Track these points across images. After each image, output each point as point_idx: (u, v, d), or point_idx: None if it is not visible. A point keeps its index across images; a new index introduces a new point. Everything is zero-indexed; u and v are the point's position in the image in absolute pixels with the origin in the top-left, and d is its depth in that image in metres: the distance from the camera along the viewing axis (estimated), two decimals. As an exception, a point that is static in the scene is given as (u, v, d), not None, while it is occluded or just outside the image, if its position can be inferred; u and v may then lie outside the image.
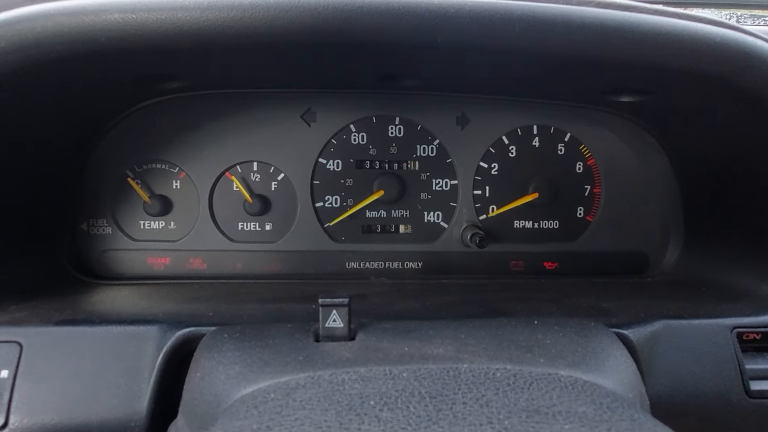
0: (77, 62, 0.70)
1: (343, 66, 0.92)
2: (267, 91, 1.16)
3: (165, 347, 0.83)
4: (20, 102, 0.83)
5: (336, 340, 0.73)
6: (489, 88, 1.14)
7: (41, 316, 0.88)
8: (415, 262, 1.26)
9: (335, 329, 0.74)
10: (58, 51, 0.68)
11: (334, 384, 0.56)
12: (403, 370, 0.60)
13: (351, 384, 0.56)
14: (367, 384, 0.56)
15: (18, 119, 0.87)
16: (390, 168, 1.24)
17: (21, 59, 0.68)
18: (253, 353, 0.69)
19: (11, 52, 0.68)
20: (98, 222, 1.20)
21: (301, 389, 0.56)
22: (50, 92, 0.84)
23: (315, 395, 0.54)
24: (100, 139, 1.13)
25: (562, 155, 1.27)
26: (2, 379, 0.80)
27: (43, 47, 0.66)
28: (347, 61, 0.88)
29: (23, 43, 0.65)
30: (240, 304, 0.99)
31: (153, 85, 0.96)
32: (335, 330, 0.74)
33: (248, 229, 1.23)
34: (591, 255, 1.28)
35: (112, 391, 0.81)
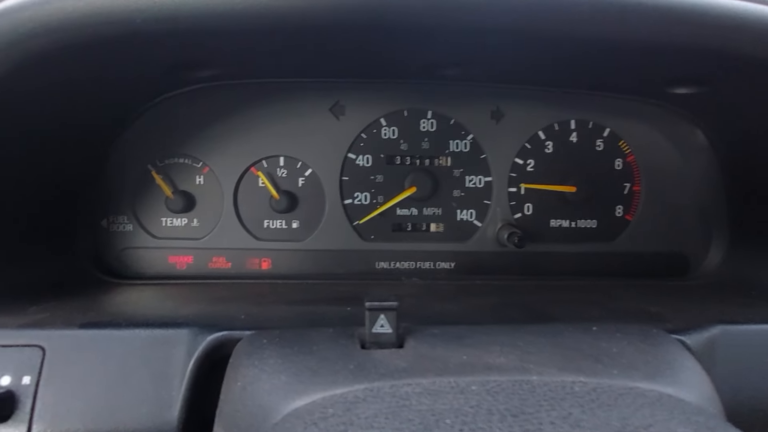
0: (108, 47, 0.65)
1: (387, 53, 0.87)
2: (295, 81, 1.11)
3: (196, 352, 0.78)
4: (43, 90, 0.79)
5: (383, 346, 0.68)
6: (531, 78, 1.09)
7: (64, 318, 0.84)
8: (448, 263, 1.21)
9: (383, 335, 0.69)
10: (88, 34, 0.62)
11: (399, 398, 0.51)
12: (470, 383, 0.54)
13: (417, 398, 0.51)
14: (435, 399, 0.50)
15: (41, 109, 0.82)
16: (421, 164, 1.19)
17: (50, 42, 0.62)
18: (297, 361, 0.64)
19: (40, 34, 0.63)
20: (118, 219, 1.15)
21: (363, 404, 0.51)
22: (75, 80, 0.79)
23: (380, 411, 0.49)
24: (123, 132, 1.08)
25: (601, 151, 1.21)
26: (24, 385, 0.75)
27: (73, 29, 0.61)
28: (392, 47, 0.83)
29: (53, 25, 0.60)
30: (270, 306, 0.94)
31: (183, 73, 0.91)
32: (382, 336, 0.69)
33: (274, 227, 1.18)
34: (630, 256, 1.23)
35: (140, 398, 0.76)
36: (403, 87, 1.16)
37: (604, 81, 1.06)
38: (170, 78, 0.96)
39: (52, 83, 0.75)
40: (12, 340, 0.78)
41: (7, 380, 0.75)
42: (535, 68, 1.00)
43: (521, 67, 0.99)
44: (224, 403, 0.65)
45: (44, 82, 0.73)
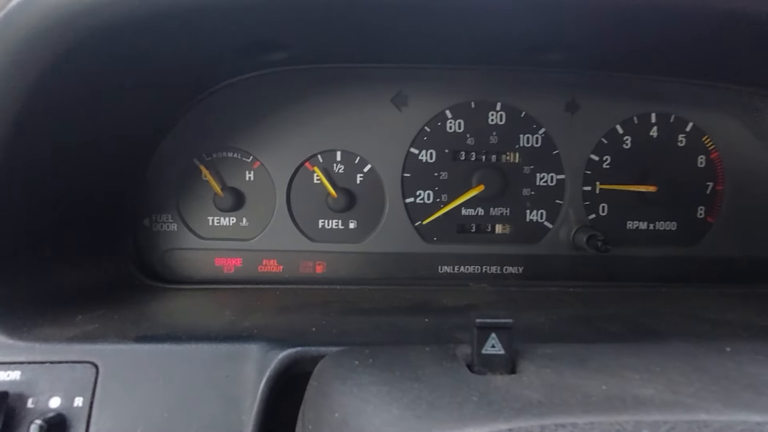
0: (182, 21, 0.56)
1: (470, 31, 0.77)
2: (358, 67, 1.02)
3: (268, 370, 0.69)
4: (99, 73, 0.70)
5: (494, 369, 0.59)
6: (616, 63, 0.98)
7: (116, 329, 0.75)
8: (516, 267, 1.11)
9: (494, 357, 0.59)
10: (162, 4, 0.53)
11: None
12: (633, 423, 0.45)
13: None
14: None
15: (95, 95, 0.73)
16: (488, 160, 1.09)
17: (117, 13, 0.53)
18: (405, 389, 0.54)
19: (103, 5, 0.54)
20: (162, 218, 1.06)
21: (513, 450, 0.42)
22: (136, 62, 0.70)
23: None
24: (173, 123, 0.99)
25: (683, 147, 1.11)
26: (76, 408, 0.67)
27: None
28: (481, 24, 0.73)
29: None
30: (339, 316, 0.85)
31: (253, 55, 0.82)
32: (494, 358, 0.59)
33: (330, 227, 1.09)
34: (713, 261, 1.13)
35: (207, 423, 0.67)
36: (470, 77, 1.06)
37: (700, 66, 0.96)
38: (238, 60, 0.87)
39: (110, 64, 0.66)
40: (61, 356, 0.69)
41: (57, 402, 0.67)
42: (625, 51, 0.89)
43: (611, 49, 0.88)
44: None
45: (101, 64, 0.65)
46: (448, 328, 0.79)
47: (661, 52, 0.90)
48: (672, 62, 0.97)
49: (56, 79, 0.63)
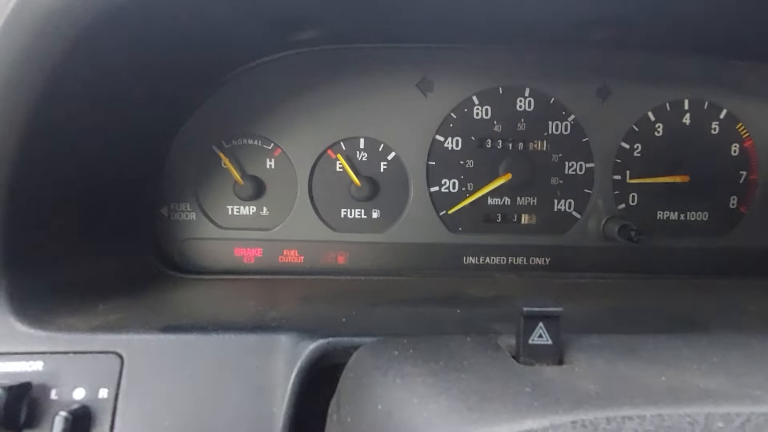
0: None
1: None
2: (385, 48, 0.98)
3: (299, 361, 0.66)
4: (125, 52, 0.67)
5: (540, 360, 0.56)
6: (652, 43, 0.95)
7: (140, 320, 0.72)
8: (543, 258, 1.08)
9: (541, 347, 0.56)
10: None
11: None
12: (704, 415, 0.42)
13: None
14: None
15: (119, 74, 0.70)
16: (515, 147, 1.06)
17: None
18: (451, 380, 0.51)
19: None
20: (180, 206, 1.04)
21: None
22: (164, 40, 0.67)
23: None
24: (193, 109, 0.96)
25: (716, 135, 1.08)
26: (101, 399, 0.64)
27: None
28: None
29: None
30: (368, 307, 0.82)
31: (284, 33, 0.79)
32: (541, 348, 0.56)
33: (352, 216, 1.06)
34: (745, 251, 1.10)
35: (237, 415, 0.65)
36: (498, 61, 1.03)
37: (736, 47, 0.92)
38: (267, 39, 0.83)
39: (134, 44, 0.63)
40: (85, 346, 0.67)
41: (81, 393, 0.64)
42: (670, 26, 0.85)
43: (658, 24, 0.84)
44: (357, 430, 0.53)
45: (125, 44, 0.62)
46: (482, 319, 0.77)
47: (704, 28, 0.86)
48: (710, 40, 0.93)
49: (79, 61, 0.61)
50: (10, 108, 0.59)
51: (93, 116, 0.71)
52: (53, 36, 0.54)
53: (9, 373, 0.64)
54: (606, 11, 0.76)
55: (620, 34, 0.86)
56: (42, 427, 0.62)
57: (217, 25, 0.69)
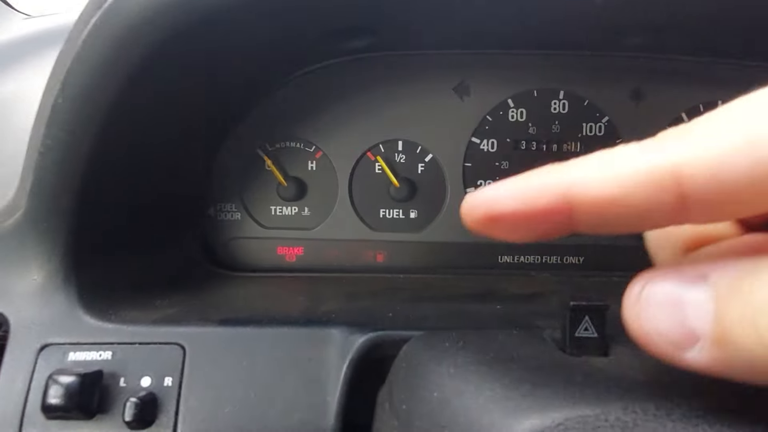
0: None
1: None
2: (423, 54, 1.01)
3: (350, 353, 0.70)
4: (185, 65, 0.71)
5: (587, 353, 0.59)
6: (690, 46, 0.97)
7: (198, 313, 0.77)
8: (576, 257, 1.10)
9: (587, 339, 0.59)
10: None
11: (684, 421, 0.42)
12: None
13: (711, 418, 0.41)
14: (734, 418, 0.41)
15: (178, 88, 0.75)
16: (549, 149, 1.09)
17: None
18: (503, 369, 0.54)
19: None
20: (226, 207, 1.08)
21: (636, 428, 0.42)
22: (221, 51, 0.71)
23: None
24: (244, 114, 1.01)
25: (749, 136, 1.09)
26: (166, 387, 0.69)
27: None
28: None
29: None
30: (410, 303, 0.85)
31: (337, 42, 0.83)
32: (587, 341, 0.59)
33: (390, 216, 1.09)
34: (780, 252, 1.11)
35: (292, 404, 0.68)
36: (533, 64, 1.05)
37: None
38: (319, 48, 0.88)
39: (205, 53, 0.68)
40: (149, 338, 0.71)
41: (148, 381, 0.69)
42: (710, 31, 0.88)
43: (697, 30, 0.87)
44: (413, 416, 0.57)
45: (197, 52, 0.66)
46: (524, 315, 0.79)
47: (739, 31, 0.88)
48: (744, 43, 0.95)
49: (152, 71, 0.65)
50: (86, 113, 0.64)
51: (158, 122, 0.76)
52: (132, 48, 0.58)
53: (82, 361, 0.68)
54: (645, 18, 0.78)
55: (656, 38, 0.88)
56: (113, 412, 0.66)
57: (278, 35, 0.74)
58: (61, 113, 0.65)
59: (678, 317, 0.32)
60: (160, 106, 0.75)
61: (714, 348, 0.30)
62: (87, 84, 0.62)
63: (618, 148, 0.33)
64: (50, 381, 0.64)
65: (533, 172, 0.35)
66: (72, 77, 0.62)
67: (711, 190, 0.28)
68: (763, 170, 0.27)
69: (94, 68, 0.61)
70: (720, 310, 0.30)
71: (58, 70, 0.63)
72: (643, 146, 0.32)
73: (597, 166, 0.33)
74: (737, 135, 0.28)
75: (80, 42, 0.60)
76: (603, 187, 0.31)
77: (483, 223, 0.37)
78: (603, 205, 0.32)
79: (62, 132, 0.66)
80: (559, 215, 0.33)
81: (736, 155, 0.28)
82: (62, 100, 0.63)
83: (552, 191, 0.33)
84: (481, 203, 0.36)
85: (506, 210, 0.35)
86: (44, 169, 0.69)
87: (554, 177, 0.34)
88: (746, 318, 0.28)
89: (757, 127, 0.28)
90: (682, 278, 0.33)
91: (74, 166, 0.69)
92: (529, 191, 0.34)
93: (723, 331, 0.29)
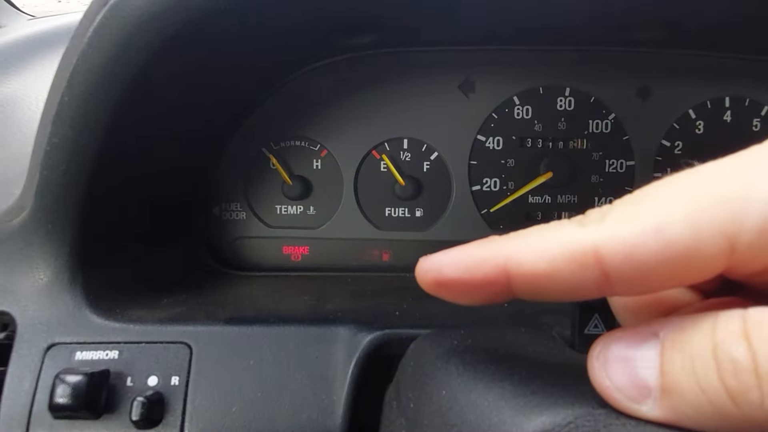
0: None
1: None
2: (428, 51, 1.01)
3: (357, 352, 0.70)
4: (188, 62, 0.71)
5: (595, 350, 0.58)
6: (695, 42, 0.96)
7: (204, 312, 0.76)
8: (583, 255, 1.10)
9: (596, 337, 0.58)
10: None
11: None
12: None
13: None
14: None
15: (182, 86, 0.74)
16: (555, 146, 1.08)
17: None
18: (512, 367, 0.54)
19: None
20: (231, 206, 1.08)
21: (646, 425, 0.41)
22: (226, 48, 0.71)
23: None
24: (249, 113, 1.01)
25: (757, 132, 1.08)
26: (173, 386, 0.68)
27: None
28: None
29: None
30: (417, 301, 0.85)
31: (341, 39, 0.82)
32: (596, 338, 0.58)
33: (396, 215, 1.09)
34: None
35: (299, 403, 0.68)
36: (539, 61, 1.05)
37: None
38: (324, 44, 0.87)
39: (210, 51, 0.67)
40: (155, 337, 0.71)
41: (155, 381, 0.68)
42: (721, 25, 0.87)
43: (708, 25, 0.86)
44: (421, 415, 0.56)
45: (203, 50, 0.66)
46: (530, 312, 0.79)
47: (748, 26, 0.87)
48: (753, 38, 0.94)
49: (158, 68, 0.65)
50: (92, 111, 0.64)
51: (163, 120, 0.75)
52: (139, 44, 0.58)
53: (88, 361, 0.68)
54: (656, 12, 0.78)
55: (665, 34, 0.88)
56: (120, 411, 0.66)
57: (283, 31, 0.73)
58: (67, 111, 0.65)
59: (631, 371, 0.34)
60: (165, 104, 0.74)
61: (663, 399, 0.32)
62: (93, 81, 0.62)
63: (552, 224, 0.35)
64: (57, 380, 0.64)
65: (477, 243, 0.38)
66: (78, 75, 0.62)
67: (627, 269, 0.31)
68: (671, 252, 0.29)
69: (100, 66, 0.61)
70: (665, 361, 0.32)
71: (64, 68, 0.63)
72: (570, 225, 0.34)
73: (530, 242, 0.35)
74: (648, 220, 0.30)
75: (86, 39, 0.60)
76: (534, 262, 0.34)
77: (432, 287, 0.42)
78: (535, 279, 0.34)
79: (68, 130, 0.65)
80: (499, 285, 0.36)
81: (647, 239, 0.30)
82: (68, 98, 0.63)
83: (491, 263, 0.36)
84: (430, 269, 0.40)
85: (451, 277, 0.39)
86: (50, 167, 0.69)
87: (493, 250, 0.37)
88: (686, 367, 0.30)
89: (666, 212, 0.30)
90: (636, 337, 0.35)
91: (80, 165, 0.69)
92: (471, 261, 0.37)
93: (668, 381, 0.31)
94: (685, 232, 0.29)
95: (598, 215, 0.34)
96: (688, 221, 0.29)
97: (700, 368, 0.29)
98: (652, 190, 0.33)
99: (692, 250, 0.29)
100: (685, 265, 0.30)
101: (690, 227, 0.29)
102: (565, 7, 0.77)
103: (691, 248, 0.29)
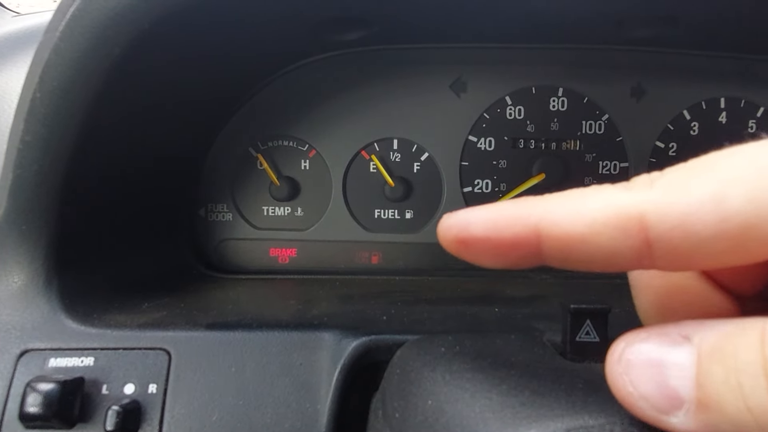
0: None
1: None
2: (419, 48, 0.99)
3: (342, 359, 0.67)
4: (169, 57, 0.68)
5: (587, 357, 0.56)
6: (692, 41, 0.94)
7: (185, 317, 0.74)
8: (576, 258, 1.08)
9: (589, 344, 0.56)
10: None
11: None
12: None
13: None
14: None
15: (163, 82, 0.72)
16: (548, 147, 1.06)
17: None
18: (501, 375, 0.52)
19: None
20: (217, 207, 1.05)
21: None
22: (207, 45, 0.68)
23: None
24: (234, 111, 0.98)
25: (753, 134, 1.07)
26: (150, 394, 0.66)
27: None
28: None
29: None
30: (406, 305, 0.83)
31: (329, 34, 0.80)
32: (588, 345, 0.56)
33: (386, 217, 1.07)
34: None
35: (282, 411, 0.66)
36: (532, 60, 1.03)
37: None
38: (311, 40, 0.85)
39: (188, 46, 0.65)
40: (133, 343, 0.68)
41: (131, 388, 0.66)
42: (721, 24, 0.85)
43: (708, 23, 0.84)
44: (406, 425, 0.54)
45: (180, 45, 0.63)
46: (522, 318, 0.77)
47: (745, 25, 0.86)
48: (749, 38, 0.93)
49: (133, 64, 0.62)
50: (65, 107, 0.61)
51: (142, 119, 0.73)
52: (113, 38, 0.56)
53: (62, 368, 0.66)
54: (654, 9, 0.76)
55: (663, 32, 0.86)
56: (95, 421, 0.63)
57: (268, 23, 0.71)
58: (40, 107, 0.62)
59: (660, 379, 0.31)
60: (144, 100, 0.72)
61: (699, 413, 0.29)
62: (66, 76, 0.59)
63: (591, 188, 0.33)
64: (28, 389, 0.61)
65: (508, 202, 0.36)
66: (50, 70, 0.59)
67: (675, 240, 0.29)
68: (728, 227, 0.27)
69: (73, 60, 0.59)
70: (702, 372, 0.29)
71: (37, 63, 0.61)
72: (615, 189, 0.32)
73: (568, 202, 0.33)
74: (706, 189, 0.28)
75: (58, 33, 0.57)
76: (571, 223, 0.32)
77: (455, 245, 0.38)
78: (570, 242, 0.32)
79: (41, 127, 0.63)
80: (528, 247, 0.34)
81: (702, 209, 0.28)
82: (41, 94, 0.61)
83: (523, 222, 0.34)
84: (454, 225, 0.37)
85: (477, 235, 0.36)
86: (23, 166, 0.66)
87: (527, 209, 0.34)
88: (730, 381, 0.27)
89: (728, 183, 0.28)
90: (664, 339, 0.32)
91: (55, 164, 0.66)
92: (501, 219, 0.35)
93: (706, 395, 0.28)
94: (747, 207, 0.26)
95: (646, 180, 0.31)
96: (751, 196, 0.27)
97: (748, 386, 0.26)
98: (713, 158, 0.30)
99: (751, 228, 0.27)
100: (741, 243, 0.27)
101: (752, 203, 0.26)
102: (560, 4, 0.75)
103: (750, 226, 0.26)
